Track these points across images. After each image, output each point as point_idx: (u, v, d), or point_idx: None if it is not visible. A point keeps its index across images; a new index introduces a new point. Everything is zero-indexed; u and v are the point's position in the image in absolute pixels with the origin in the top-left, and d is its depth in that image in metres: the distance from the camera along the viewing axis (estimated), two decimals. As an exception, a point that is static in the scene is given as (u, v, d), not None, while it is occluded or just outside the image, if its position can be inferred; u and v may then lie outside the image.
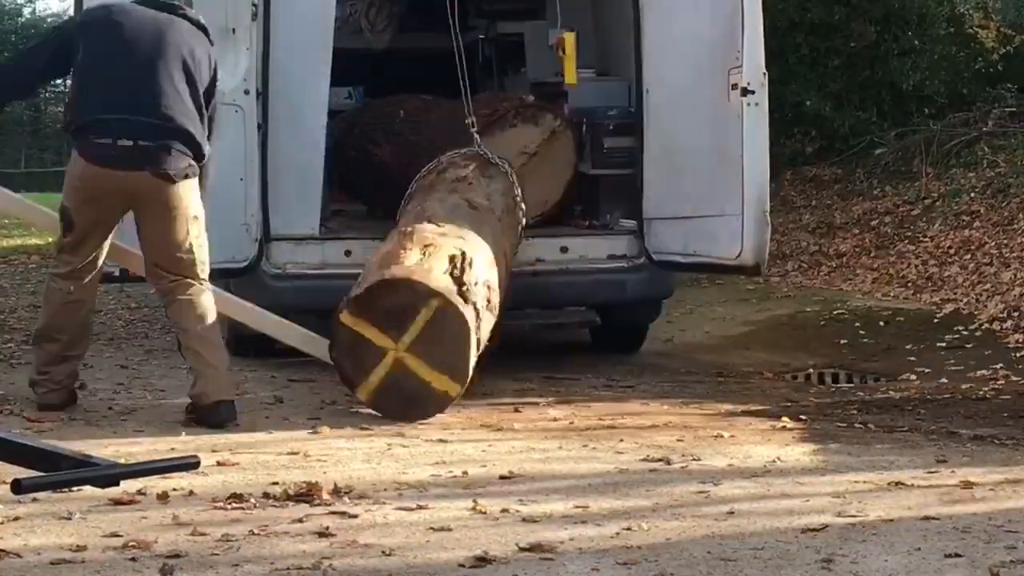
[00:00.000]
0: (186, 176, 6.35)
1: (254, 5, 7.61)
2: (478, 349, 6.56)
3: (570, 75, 8.39)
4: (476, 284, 6.62)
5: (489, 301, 6.75)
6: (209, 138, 6.50)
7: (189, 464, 3.42)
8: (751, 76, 7.23)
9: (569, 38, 8.31)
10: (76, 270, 6.48)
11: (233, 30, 7.56)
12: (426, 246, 6.74)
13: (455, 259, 6.65)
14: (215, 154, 6.61)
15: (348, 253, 8.00)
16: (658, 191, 7.98)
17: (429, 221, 7.15)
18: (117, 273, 7.34)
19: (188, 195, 6.37)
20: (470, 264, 6.67)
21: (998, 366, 8.02)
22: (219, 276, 8.44)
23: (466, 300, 6.49)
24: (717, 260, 7.66)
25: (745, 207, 7.31)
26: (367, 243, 8.06)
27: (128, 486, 4.37)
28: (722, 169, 7.44)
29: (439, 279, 6.50)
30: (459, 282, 6.54)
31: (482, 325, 6.61)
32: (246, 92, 7.60)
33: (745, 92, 7.24)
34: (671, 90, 7.91)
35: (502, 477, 5.17)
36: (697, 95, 7.69)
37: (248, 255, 7.68)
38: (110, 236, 6.55)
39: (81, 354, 6.74)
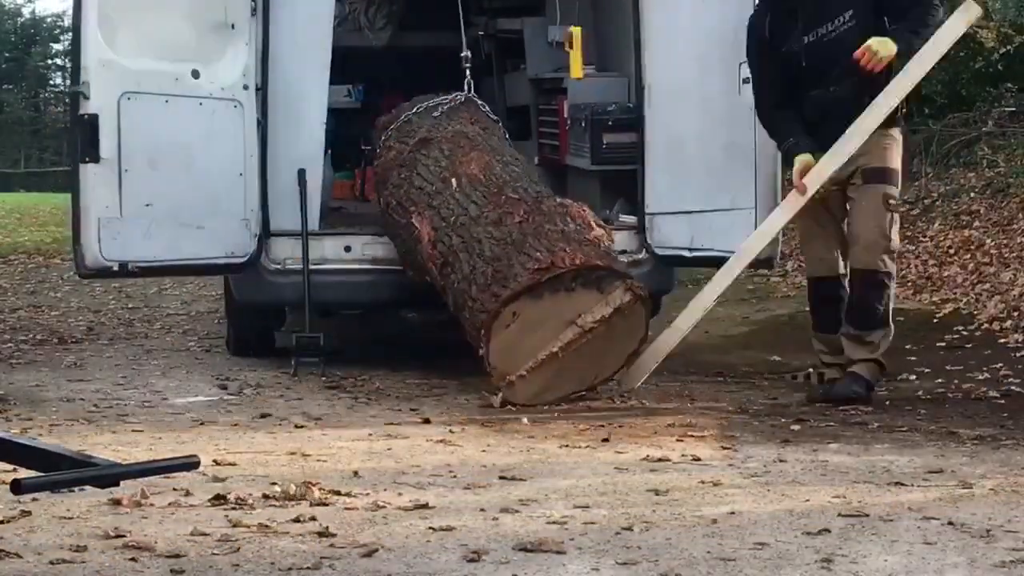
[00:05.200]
0: None
1: (253, 1, 7.63)
2: None
3: (575, 69, 8.37)
4: None
5: None
6: None
7: (189, 464, 3.42)
8: None
9: (576, 32, 8.32)
10: None
11: (232, 25, 7.59)
12: None
13: None
14: None
15: (348, 249, 8.02)
16: (662, 186, 7.97)
17: None
18: (116, 268, 7.37)
19: None
20: None
21: (998, 366, 8.01)
22: (219, 271, 8.49)
23: None
24: (728, 254, 7.69)
25: (758, 201, 7.35)
26: (366, 239, 8.07)
27: (128, 486, 4.36)
28: (732, 163, 7.47)
29: None
30: None
31: None
32: (245, 87, 7.63)
33: None
34: (675, 85, 7.90)
35: (502, 477, 5.16)
36: (704, 89, 7.70)
37: (248, 250, 7.70)
38: None
39: None
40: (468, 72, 8.31)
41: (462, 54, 8.33)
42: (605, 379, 7.00)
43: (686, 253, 7.97)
